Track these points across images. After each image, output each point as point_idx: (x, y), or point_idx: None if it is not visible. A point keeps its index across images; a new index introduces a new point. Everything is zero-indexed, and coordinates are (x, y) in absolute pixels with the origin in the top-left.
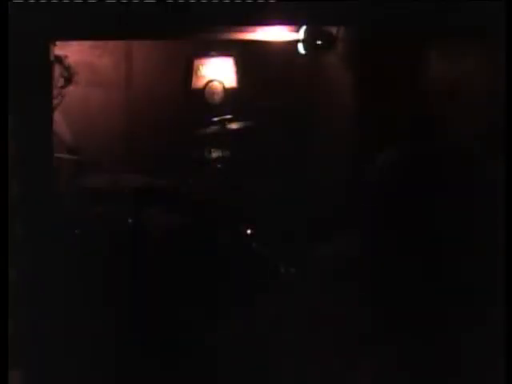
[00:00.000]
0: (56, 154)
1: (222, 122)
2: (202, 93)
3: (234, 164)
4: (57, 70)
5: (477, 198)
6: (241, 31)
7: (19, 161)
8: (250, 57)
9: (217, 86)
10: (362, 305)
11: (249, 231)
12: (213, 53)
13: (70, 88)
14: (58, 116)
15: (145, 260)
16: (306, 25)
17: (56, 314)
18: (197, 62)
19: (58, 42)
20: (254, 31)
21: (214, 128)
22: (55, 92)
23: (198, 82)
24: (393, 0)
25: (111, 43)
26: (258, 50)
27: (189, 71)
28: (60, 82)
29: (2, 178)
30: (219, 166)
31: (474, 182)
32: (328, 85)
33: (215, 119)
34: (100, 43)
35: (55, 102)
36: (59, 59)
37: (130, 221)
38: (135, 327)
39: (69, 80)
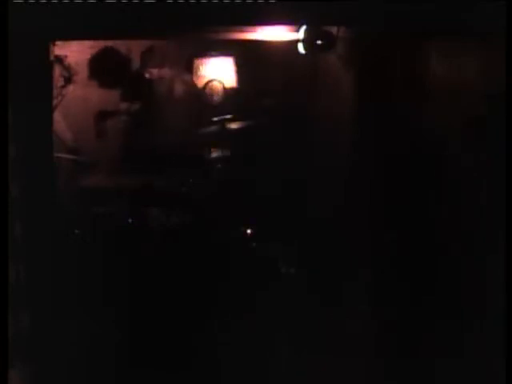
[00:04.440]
0: (56, 154)
1: (222, 122)
2: (202, 93)
3: (234, 164)
4: (57, 70)
5: (477, 197)
6: (241, 31)
7: (19, 161)
8: (250, 57)
9: (217, 85)
10: None
11: (249, 231)
12: (213, 53)
13: (70, 88)
14: (58, 116)
15: (145, 259)
16: (306, 25)
17: (56, 314)
18: (197, 62)
19: (57, 42)
20: (254, 31)
21: (213, 128)
22: (55, 92)
23: (198, 82)
24: (393, 0)
25: (111, 43)
26: (258, 50)
27: (189, 71)
28: (60, 81)
29: (2, 178)
30: (219, 165)
31: (473, 180)
32: (328, 85)
33: (215, 119)
34: (100, 43)
35: (55, 101)
36: (59, 59)
37: (129, 221)
38: (135, 327)
39: (69, 80)
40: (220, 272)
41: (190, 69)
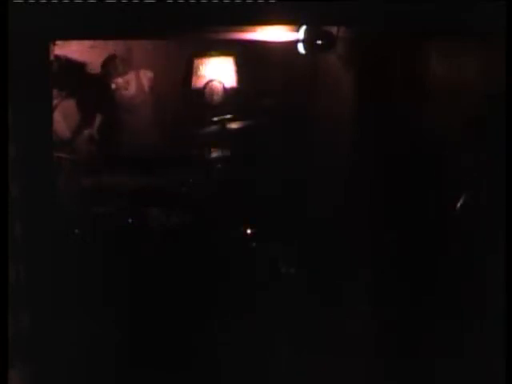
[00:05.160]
0: (56, 154)
1: (222, 122)
2: (202, 93)
3: (234, 164)
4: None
5: (476, 197)
6: (241, 31)
7: (19, 161)
8: (250, 57)
9: (217, 85)
10: None
11: (249, 231)
12: (213, 53)
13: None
14: (58, 116)
15: (145, 259)
16: (306, 25)
17: (56, 314)
18: (197, 62)
19: (57, 42)
20: (254, 31)
21: (213, 128)
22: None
23: (198, 82)
24: (393, 0)
25: (111, 43)
26: (258, 50)
27: (189, 71)
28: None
29: (2, 178)
30: (219, 165)
31: (473, 180)
32: (328, 85)
33: (215, 119)
34: (100, 43)
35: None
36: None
37: (130, 221)
38: (135, 327)
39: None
40: (220, 272)
41: (188, 69)
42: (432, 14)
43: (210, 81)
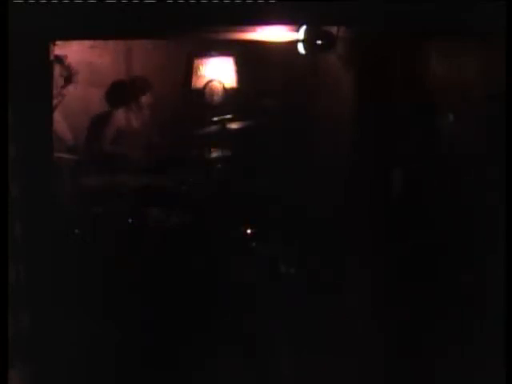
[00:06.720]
0: (56, 154)
1: (222, 122)
2: (202, 93)
3: (234, 164)
4: (57, 70)
5: (477, 197)
6: (241, 31)
7: (19, 161)
8: (250, 57)
9: (217, 85)
10: None
11: (249, 231)
12: (213, 53)
13: (70, 88)
14: (58, 116)
15: (145, 259)
16: (306, 25)
17: (56, 314)
18: (197, 62)
19: (57, 42)
20: (254, 31)
21: (213, 128)
22: (55, 92)
23: (198, 82)
24: (393, 0)
25: (111, 43)
26: (258, 50)
27: (189, 71)
28: (60, 81)
29: (2, 178)
30: (219, 165)
31: (473, 180)
32: (328, 85)
33: (215, 119)
34: (100, 43)
35: (55, 101)
36: (59, 59)
37: (130, 221)
38: (135, 327)
39: (69, 80)
40: (220, 272)
41: (188, 69)
42: (432, 14)
43: (210, 81)
